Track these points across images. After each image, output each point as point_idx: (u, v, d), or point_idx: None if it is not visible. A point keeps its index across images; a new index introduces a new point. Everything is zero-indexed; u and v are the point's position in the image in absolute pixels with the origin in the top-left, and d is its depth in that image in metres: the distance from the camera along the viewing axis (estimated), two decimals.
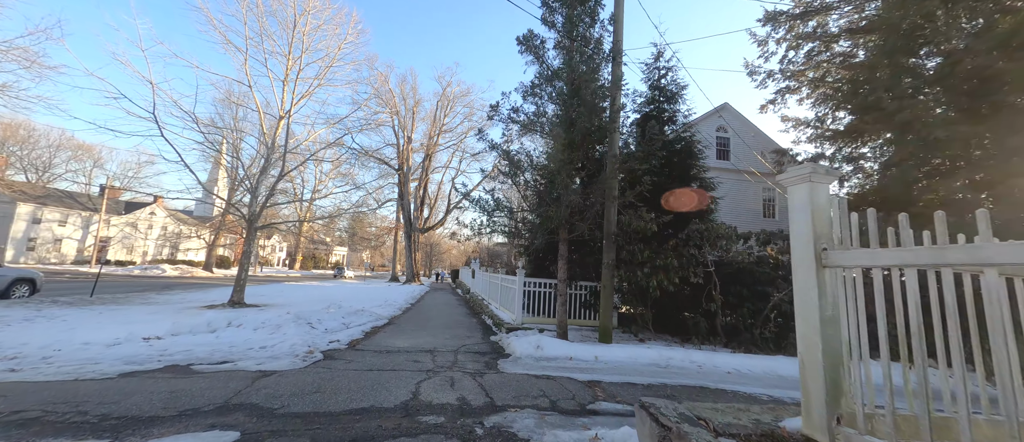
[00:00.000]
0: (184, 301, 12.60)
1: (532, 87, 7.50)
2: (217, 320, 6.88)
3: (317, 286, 24.33)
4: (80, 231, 36.26)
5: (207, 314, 8.34)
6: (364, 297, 16.02)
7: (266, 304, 12.35)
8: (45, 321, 7.56)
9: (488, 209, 7.08)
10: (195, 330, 6.48)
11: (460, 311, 12.18)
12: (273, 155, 13.20)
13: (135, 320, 8.07)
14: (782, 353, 7.02)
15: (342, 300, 14.30)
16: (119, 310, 9.44)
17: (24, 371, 4.16)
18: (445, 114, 34.85)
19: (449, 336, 7.30)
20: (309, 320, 7.47)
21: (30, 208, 32.21)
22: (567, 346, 5.85)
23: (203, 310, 10.32)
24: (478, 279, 16.87)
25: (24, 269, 10.96)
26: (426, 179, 34.14)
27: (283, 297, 14.95)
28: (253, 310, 10.45)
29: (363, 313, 9.08)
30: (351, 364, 4.91)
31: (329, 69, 14.02)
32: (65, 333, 6.31)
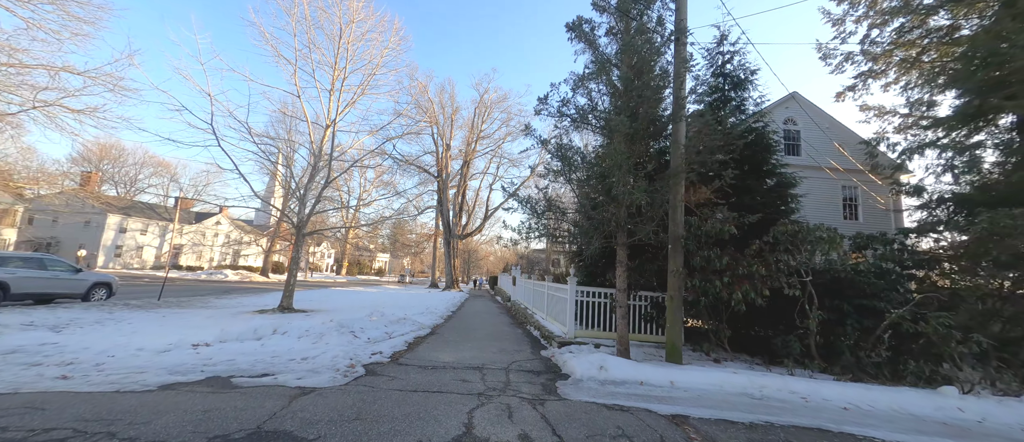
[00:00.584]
0: (239, 306, 13.09)
1: (583, 78, 6.82)
2: (264, 327, 6.77)
3: (361, 292, 24.89)
4: (158, 239, 40.10)
5: (255, 320, 8.36)
6: (405, 304, 15.93)
7: (313, 310, 12.50)
8: (113, 324, 7.91)
9: (538, 210, 6.44)
10: (242, 337, 6.38)
11: (503, 320, 11.60)
12: (320, 162, 13.48)
13: (190, 325, 8.25)
14: (899, 382, 5.73)
15: (384, 307, 14.25)
16: (179, 314, 9.83)
17: (73, 379, 4.07)
18: (482, 121, 34.93)
19: (496, 350, 6.70)
20: (352, 329, 7.20)
21: (118, 219, 36.07)
22: (634, 367, 5.03)
23: (254, 315, 10.54)
24: (520, 287, 16.24)
25: (102, 274, 11.83)
26: (464, 186, 34.26)
27: (329, 303, 15.20)
28: (300, 316, 10.52)
29: (405, 321, 8.75)
30: (394, 382, 4.43)
31: (372, 77, 14.18)
32: (124, 337, 6.44)
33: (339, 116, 13.26)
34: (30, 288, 9.71)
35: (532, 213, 6.39)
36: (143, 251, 38.81)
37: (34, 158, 29.71)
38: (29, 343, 5.58)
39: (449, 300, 18.82)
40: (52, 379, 4.03)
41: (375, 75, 14.31)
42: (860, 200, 14.61)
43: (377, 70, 14.27)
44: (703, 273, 5.87)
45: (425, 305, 15.47)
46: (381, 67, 14.25)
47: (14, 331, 6.48)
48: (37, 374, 4.17)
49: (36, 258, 10.13)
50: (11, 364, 4.55)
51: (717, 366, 6.02)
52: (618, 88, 6.48)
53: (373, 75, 14.25)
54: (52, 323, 7.55)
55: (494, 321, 11.42)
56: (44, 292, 10.09)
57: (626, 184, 5.87)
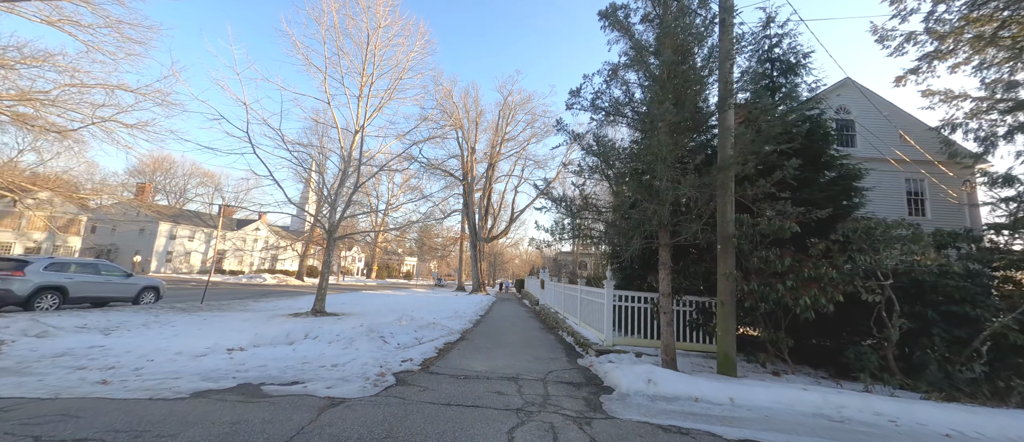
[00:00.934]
0: (275, 309, 13.43)
1: (618, 68, 6.39)
2: (296, 331, 6.74)
3: (390, 295, 25.22)
4: (203, 245, 42.56)
5: (288, 324, 8.42)
6: (434, 307, 15.87)
7: (344, 313, 12.63)
8: (157, 327, 8.20)
9: (573, 209, 6.05)
10: (275, 341, 6.36)
11: (533, 326, 11.22)
12: (349, 167, 13.67)
13: (227, 328, 8.42)
14: (1002, 402, 4.90)
15: (413, 310, 14.22)
16: (219, 317, 10.13)
17: (112, 385, 4.08)
18: (507, 123, 34.81)
19: (530, 358, 6.35)
20: (382, 334, 7.06)
21: (168, 226, 38.57)
22: (686, 381, 4.54)
23: (288, 319, 10.71)
24: (549, 290, 15.81)
25: (151, 278, 12.44)
26: (490, 189, 34.21)
27: (360, 306, 15.37)
28: (331, 319, 10.59)
29: (435, 326, 8.55)
30: (425, 393, 4.17)
31: (398, 81, 14.26)
32: (165, 340, 6.59)
33: (367, 121, 13.40)
34: (86, 292, 10.29)
35: (567, 212, 6.01)
36: (190, 256, 41.27)
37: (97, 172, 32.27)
38: (79, 346, 5.77)
39: (477, 304, 18.65)
40: (92, 384, 4.05)
41: (401, 80, 14.40)
42: (928, 193, 13.19)
43: (404, 74, 14.35)
44: (761, 276, 5.27)
45: (453, 309, 15.34)
46: (407, 71, 14.32)
47: (68, 333, 6.77)
48: (80, 378, 4.21)
49: (91, 264, 10.75)
50: (58, 367, 4.66)
51: (779, 381, 5.38)
52: (657, 75, 6.00)
53: (399, 80, 14.35)
54: (103, 326, 7.88)
55: (524, 326, 11.07)
56: (99, 296, 10.67)
57: (670, 179, 5.39)
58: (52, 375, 4.29)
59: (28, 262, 9.22)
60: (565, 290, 11.28)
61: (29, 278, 9.04)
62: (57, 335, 6.45)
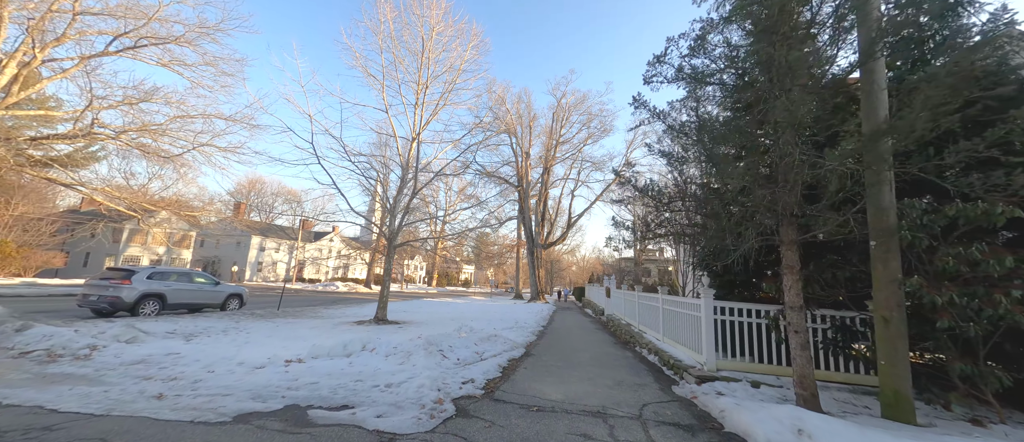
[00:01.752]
0: (342, 316, 13.75)
1: (712, 25, 5.15)
2: (354, 343, 6.37)
3: (449, 302, 25.28)
4: (286, 255, 47.07)
5: (348, 334, 8.21)
6: (493, 316, 15.25)
7: (404, 321, 12.48)
8: (235, 333, 8.48)
9: (662, 200, 4.90)
10: (332, 353, 6.02)
11: (603, 339, 10.00)
12: (408, 175, 13.66)
13: (293, 336, 8.46)
14: None
15: (472, 319, 13.70)
16: (290, 324, 10.40)
17: (165, 400, 3.83)
18: (561, 126, 33.76)
19: (611, 382, 5.26)
20: (440, 347, 6.44)
21: (259, 239, 43.23)
22: (853, 433, 3.16)
23: (352, 327, 10.72)
24: (616, 299, 14.37)
25: (236, 286, 13.38)
26: (545, 194, 33.29)
27: (420, 314, 15.28)
28: (391, 328, 10.36)
29: (496, 339, 7.79)
30: (491, 432, 3.33)
31: (453, 86, 14.04)
32: (235, 348, 6.59)
33: (423, 128, 13.31)
34: (182, 299, 11.21)
35: (655, 205, 4.87)
36: (277, 266, 45.82)
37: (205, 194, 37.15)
38: (157, 352, 5.89)
39: (537, 313, 17.71)
40: (147, 399, 3.83)
41: (456, 84, 14.16)
42: None
43: (458, 77, 14.09)
44: (963, 283, 3.68)
45: (513, 318, 14.57)
46: (461, 73, 14.04)
47: (156, 339, 7.10)
48: (139, 392, 4.04)
49: (186, 273, 11.76)
50: (128, 377, 4.62)
51: (988, 435, 3.70)
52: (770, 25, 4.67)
53: (454, 84, 14.11)
54: (189, 331, 8.29)
55: (593, 339, 9.89)
56: (192, 302, 11.60)
57: (802, 155, 4.04)
58: (118, 386, 4.19)
59: (134, 272, 10.22)
60: (640, 299, 9.90)
61: (135, 286, 9.98)
62: (145, 340, 6.75)
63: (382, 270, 52.26)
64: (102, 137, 19.12)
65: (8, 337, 6.13)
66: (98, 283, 9.89)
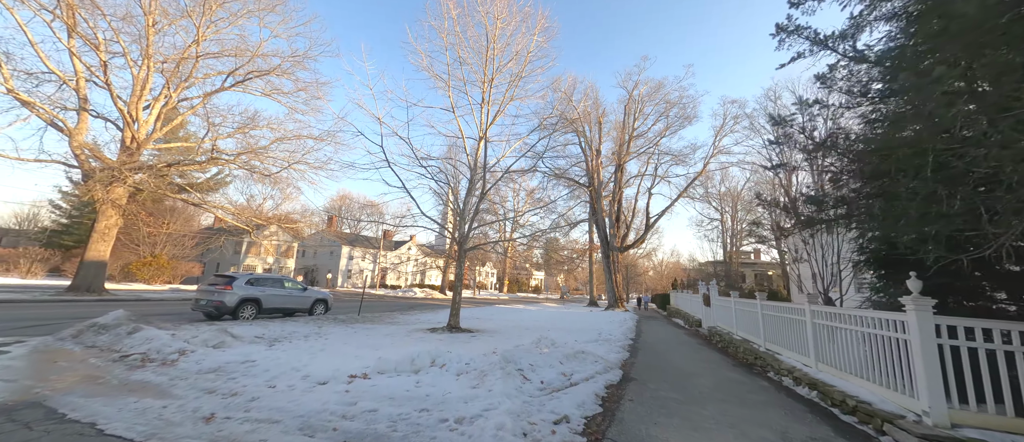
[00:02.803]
0: (416, 322, 13.57)
1: None
2: (423, 357, 5.60)
3: (522, 309, 24.39)
4: (372, 263, 50.90)
5: (418, 345, 7.58)
6: (572, 326, 13.85)
7: (477, 329, 11.77)
8: (314, 339, 8.43)
9: (850, 154, 3.23)
10: (399, 368, 5.29)
11: (715, 359, 8.06)
12: (475, 176, 13.06)
13: (367, 344, 8.11)
14: None
15: (549, 329, 12.49)
16: (367, 331, 10.27)
17: (213, 423, 3.30)
18: (634, 119, 31.15)
19: (768, 432, 3.63)
20: (519, 365, 5.36)
21: (348, 249, 47.37)
22: None
23: (424, 334, 10.26)
24: (721, 308, 11.99)
25: (322, 291, 13.98)
26: (619, 193, 30.87)
27: (493, 321, 14.54)
28: (464, 338, 9.63)
29: (584, 357, 6.47)
30: None
31: (520, 78, 13.17)
32: (307, 357, 6.28)
33: (490, 125, 12.62)
34: (275, 304, 11.87)
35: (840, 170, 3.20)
36: (363, 273, 49.78)
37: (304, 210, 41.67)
38: (234, 360, 5.74)
39: (620, 323, 15.85)
40: (195, 422, 3.34)
41: (523, 76, 13.27)
42: None
43: (524, 68, 13.18)
44: None
45: (595, 329, 13.03)
46: (528, 64, 13.11)
47: (243, 344, 7.16)
48: (193, 410, 3.61)
49: (278, 279, 12.49)
50: (194, 388, 4.32)
51: None
52: None
53: (520, 76, 13.22)
54: (274, 336, 8.41)
55: (701, 358, 8.01)
56: (284, 307, 12.24)
57: None
58: (177, 402, 3.83)
59: (234, 278, 11.00)
60: (766, 310, 7.76)
61: (235, 291, 10.70)
62: (231, 345, 6.80)
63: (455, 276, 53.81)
64: (221, 162, 22.10)
65: (120, 339, 6.56)
66: (207, 289, 10.82)
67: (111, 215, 17.61)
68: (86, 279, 16.75)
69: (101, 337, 6.68)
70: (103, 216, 17.42)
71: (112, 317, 7.32)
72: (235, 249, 37.30)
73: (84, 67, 17.11)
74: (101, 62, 17.27)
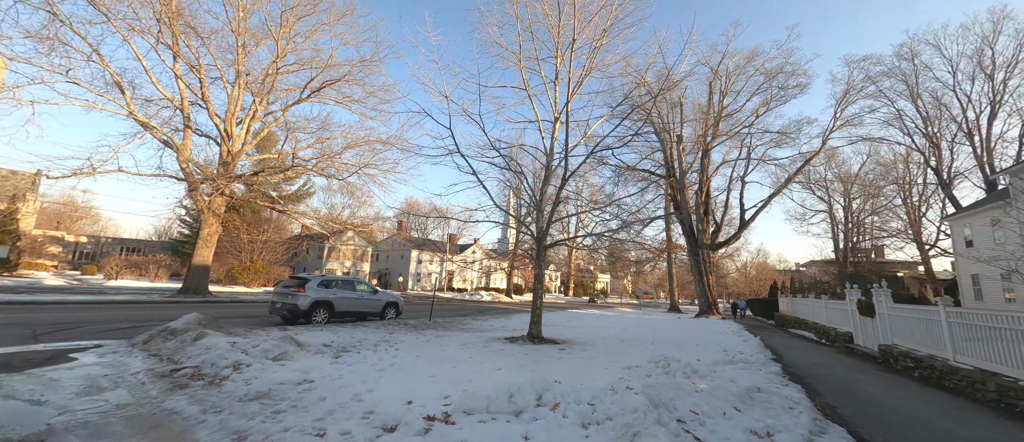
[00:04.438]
0: (490, 329, 12.17)
1: None
2: (524, 390, 3.93)
3: (600, 315, 22.02)
4: (438, 267, 51.82)
5: (504, 361, 5.98)
6: (678, 338, 11.32)
7: (563, 340, 9.94)
8: (384, 349, 7.31)
9: None
10: (493, 405, 3.68)
11: (936, 397, 5.28)
12: (552, 162, 11.32)
13: (442, 357, 6.72)
14: None
15: (651, 340, 10.21)
16: (440, 340, 9.03)
17: None
18: (722, 97, 27.05)
19: None
20: (677, 412, 3.43)
21: (416, 253, 48.71)
22: None
23: (503, 345, 8.71)
24: (910, 321, 8.65)
25: (393, 294, 13.24)
26: (707, 184, 26.90)
27: (577, 330, 12.59)
28: (553, 352, 7.85)
29: (765, 398, 4.29)
30: None
31: (600, 47, 11.15)
32: (373, 376, 4.98)
33: (571, 98, 10.78)
34: (346, 307, 11.26)
35: None
36: (431, 276, 50.83)
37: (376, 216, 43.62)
38: (290, 380, 4.63)
39: (734, 334, 12.89)
40: None
41: (604, 42, 11.23)
42: None
43: (603, 37, 11.13)
44: None
45: (712, 343, 10.44)
46: (607, 32, 11.02)
47: (307, 355, 6.19)
48: None
49: (349, 280, 11.92)
50: (221, 429, 3.11)
51: None
52: None
53: (600, 45, 11.19)
54: (343, 345, 7.45)
55: (915, 395, 5.29)
56: (355, 310, 11.61)
57: None
58: None
59: (307, 280, 10.53)
60: None
61: (308, 294, 10.19)
62: (293, 358, 5.83)
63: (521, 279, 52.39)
64: (302, 170, 23.26)
65: (183, 347, 5.91)
66: (282, 291, 10.49)
67: (212, 223, 19.04)
68: (193, 282, 18.20)
69: (167, 344, 6.14)
70: (205, 224, 18.89)
71: (183, 322, 6.88)
72: (318, 254, 40.03)
73: (188, 89, 18.78)
74: (200, 82, 18.84)
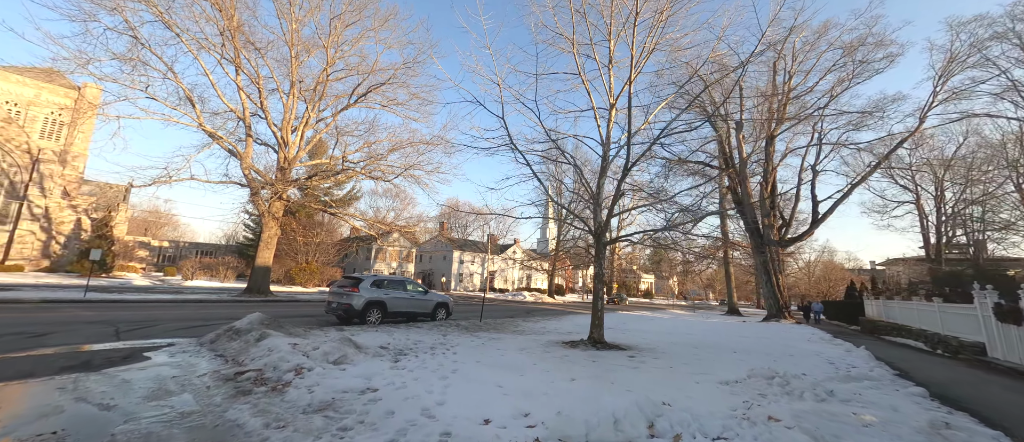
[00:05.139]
0: (544, 331, 11.49)
1: None
2: (631, 417, 3.19)
3: (654, 318, 20.58)
4: (480, 267, 52.00)
5: (580, 372, 5.27)
6: (762, 346, 9.96)
7: (630, 346, 9.02)
8: (442, 353, 6.89)
9: None
10: (592, 434, 2.99)
11: None
12: (609, 152, 10.44)
13: (504, 363, 6.14)
14: None
15: (731, 347, 9.02)
16: (495, 343, 8.50)
17: None
18: (789, 77, 24.45)
19: None
20: None
21: (458, 253, 49.17)
22: None
23: (567, 351, 7.98)
24: None
25: (443, 295, 12.96)
26: (772, 175, 24.42)
27: (637, 333, 11.55)
28: (622, 360, 6.99)
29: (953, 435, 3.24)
30: None
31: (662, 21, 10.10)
32: (439, 387, 4.48)
33: (635, 76, 9.84)
34: (398, 308, 11.08)
35: None
36: (473, 277, 51.10)
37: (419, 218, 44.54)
38: (353, 388, 4.24)
39: (827, 343, 11.22)
40: None
41: (665, 19, 10.16)
42: None
43: (667, 9, 10.06)
44: None
45: (818, 354, 9.04)
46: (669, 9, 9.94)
47: (366, 358, 5.86)
48: None
49: (400, 280, 11.76)
50: (300, 434, 2.68)
51: None
52: None
53: (662, 21, 10.14)
54: (400, 347, 7.12)
55: None
56: (407, 311, 11.42)
57: None
58: None
59: (360, 279, 10.44)
60: None
61: (362, 294, 10.09)
62: (353, 361, 5.50)
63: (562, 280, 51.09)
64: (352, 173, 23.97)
65: (247, 347, 5.80)
66: (337, 291, 10.49)
67: (272, 226, 20.01)
68: (256, 282, 19.20)
69: (232, 344, 6.08)
70: (266, 227, 19.89)
71: (246, 322, 6.87)
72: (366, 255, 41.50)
73: (248, 100, 19.90)
74: (259, 92, 19.89)
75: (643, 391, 4.62)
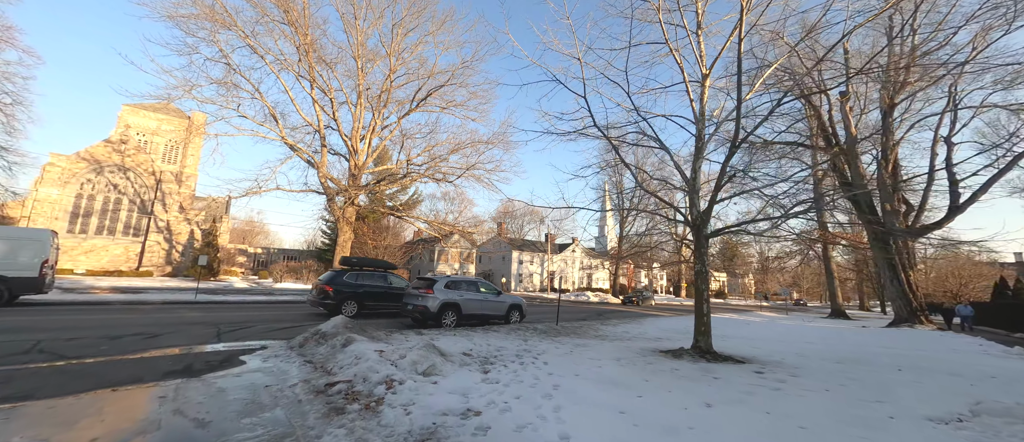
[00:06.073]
0: (627, 335, 10.27)
1: None
2: None
3: (745, 322, 18.06)
4: (539, 267, 51.16)
5: (738, 420, 4.12)
6: (929, 362, 7.76)
7: (748, 359, 7.48)
8: (531, 363, 6.10)
9: None
10: None
11: None
12: (703, 129, 8.95)
13: (608, 378, 5.15)
14: None
15: (909, 365, 7.06)
16: (583, 349, 7.55)
17: None
18: (913, 33, 20.22)
19: None
20: None
21: (517, 254, 48.80)
22: None
23: (671, 362, 6.77)
24: None
25: (516, 297, 12.29)
26: (893, 152, 20.32)
27: (747, 342, 9.77)
28: (748, 374, 5.59)
29: None
30: None
31: None
32: (546, 407, 3.72)
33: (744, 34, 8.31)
34: (473, 310, 10.59)
35: None
36: (532, 277, 50.41)
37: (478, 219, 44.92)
38: (452, 409, 3.58)
39: (1016, 356, 8.56)
40: None
41: None
42: None
43: None
44: None
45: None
46: None
47: (453, 368, 5.25)
48: None
49: (473, 281, 11.27)
50: None
51: None
52: None
53: None
54: (483, 355, 6.48)
55: None
56: (481, 313, 10.88)
57: None
58: None
59: (435, 281, 10.10)
60: None
61: (436, 296, 9.73)
62: (441, 372, 4.91)
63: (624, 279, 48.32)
64: (415, 176, 24.49)
65: (334, 353, 5.49)
66: (413, 292, 10.27)
67: (346, 230, 21.00)
68: None
69: (320, 348, 5.85)
70: (341, 232, 20.91)
71: (331, 325, 6.69)
72: (430, 257, 42.77)
73: (322, 113, 21.12)
74: (331, 104, 21.01)
75: (823, 432, 3.38)
